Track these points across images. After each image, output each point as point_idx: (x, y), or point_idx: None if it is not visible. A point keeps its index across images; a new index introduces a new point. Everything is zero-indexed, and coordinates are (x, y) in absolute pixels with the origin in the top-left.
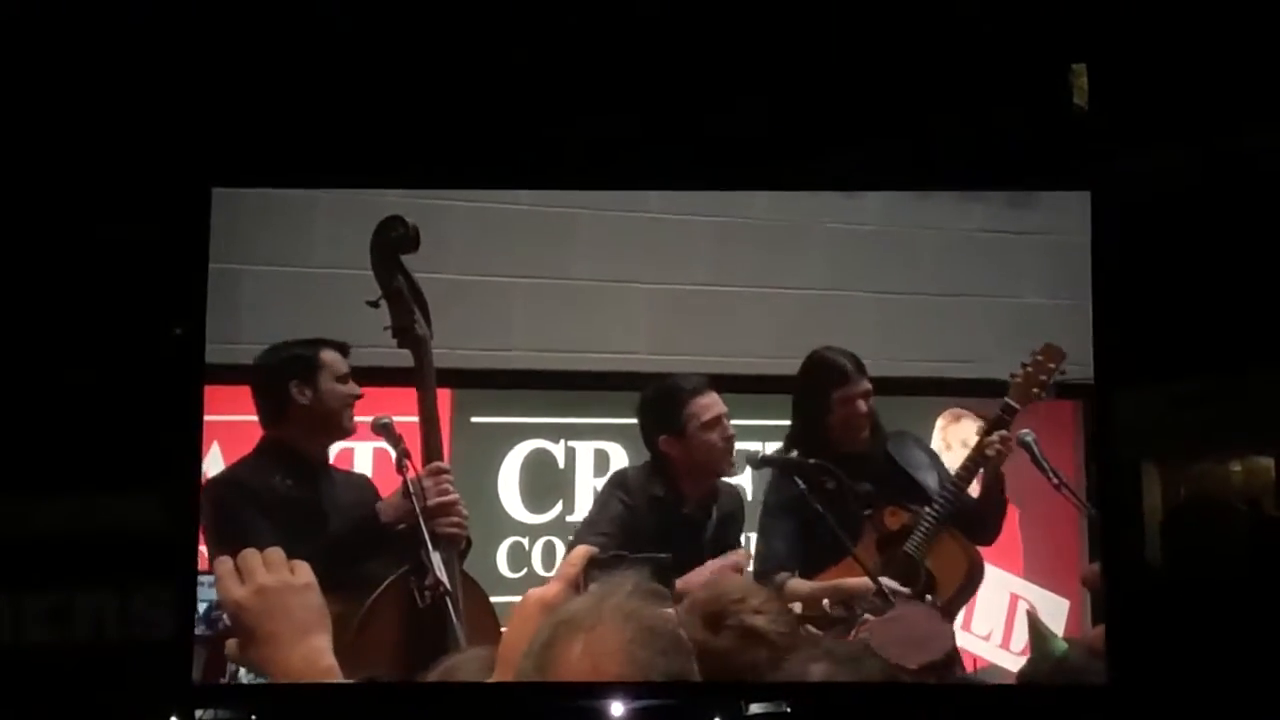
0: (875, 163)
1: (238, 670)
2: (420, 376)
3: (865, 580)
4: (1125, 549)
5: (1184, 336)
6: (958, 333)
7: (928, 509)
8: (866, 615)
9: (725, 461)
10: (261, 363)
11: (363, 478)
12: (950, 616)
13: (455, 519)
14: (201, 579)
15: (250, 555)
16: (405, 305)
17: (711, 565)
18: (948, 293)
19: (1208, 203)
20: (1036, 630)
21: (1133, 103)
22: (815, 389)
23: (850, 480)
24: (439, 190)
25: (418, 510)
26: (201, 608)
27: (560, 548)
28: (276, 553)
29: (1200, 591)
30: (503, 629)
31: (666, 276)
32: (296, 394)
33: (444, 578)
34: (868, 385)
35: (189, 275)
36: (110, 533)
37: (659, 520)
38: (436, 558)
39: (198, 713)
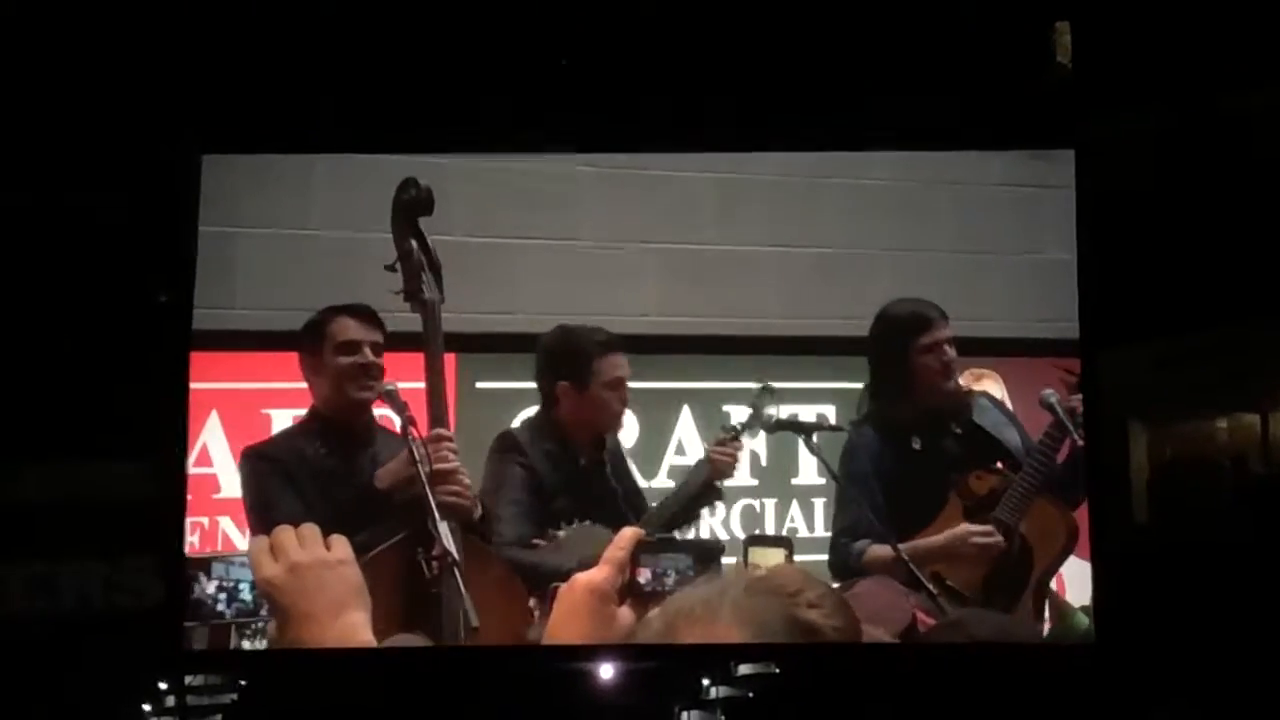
0: (860, 123)
1: (240, 640)
2: (428, 340)
3: (950, 537)
4: (1112, 506)
5: (1169, 296)
6: (977, 290)
7: (1020, 474)
8: None
9: (615, 424)
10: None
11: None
12: (1044, 584)
13: (455, 488)
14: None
15: (283, 532)
16: (415, 268)
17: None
18: (966, 249)
19: (1192, 161)
20: (1058, 608)
21: (1116, 62)
22: (893, 339)
23: (934, 438)
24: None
25: (423, 478)
26: (244, 589)
27: None
28: (311, 529)
29: (1187, 548)
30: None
31: (675, 236)
32: (306, 367)
33: (451, 548)
34: (949, 332)
35: (177, 243)
36: (97, 501)
37: (558, 474)
38: (444, 527)
39: (187, 679)
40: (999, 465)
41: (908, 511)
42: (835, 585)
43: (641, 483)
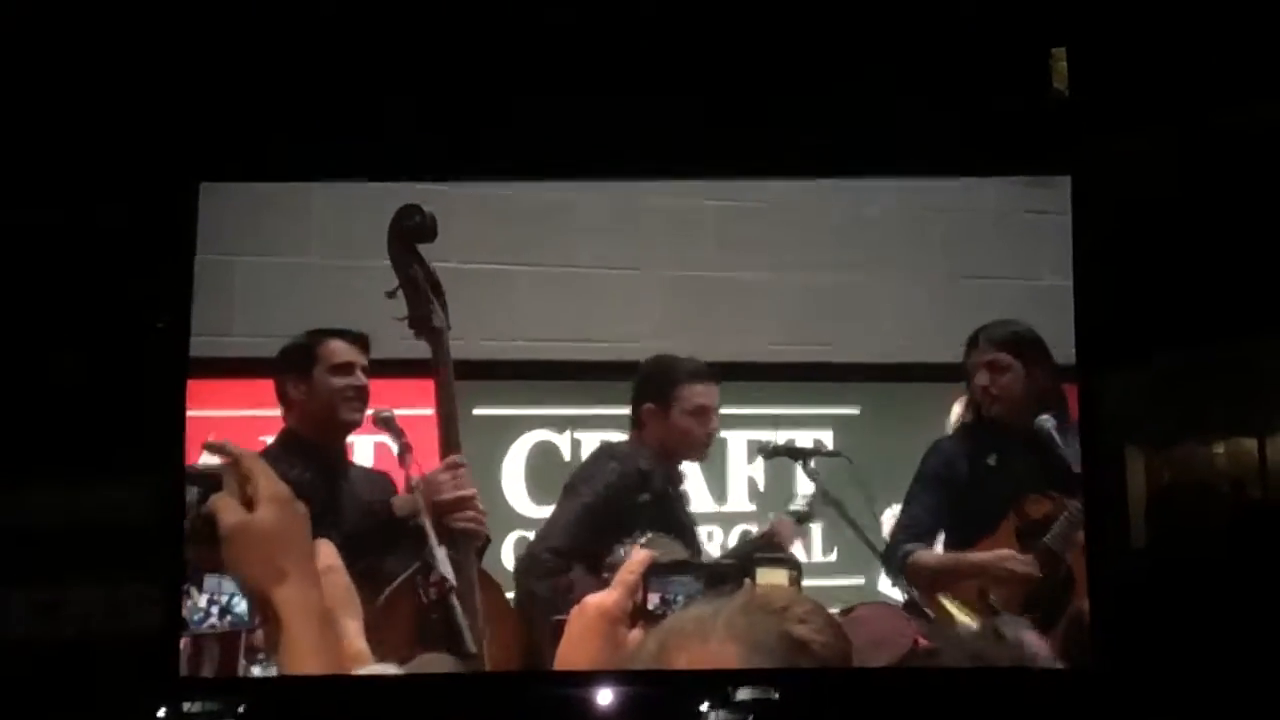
0: (855, 148)
1: (249, 665)
2: (438, 368)
3: (993, 557)
4: (1109, 532)
5: (1166, 319)
6: (973, 316)
7: (1075, 502)
8: None
9: (698, 453)
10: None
11: (382, 475)
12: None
13: (472, 513)
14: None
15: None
16: (422, 295)
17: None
18: (962, 275)
19: (1190, 186)
20: (944, 609)
21: (1113, 86)
22: (964, 358)
23: (1008, 458)
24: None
25: (421, 506)
26: (224, 599)
27: None
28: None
29: (1184, 574)
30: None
31: (674, 262)
32: (291, 389)
33: (449, 574)
34: (994, 356)
35: (175, 270)
36: (96, 526)
37: (646, 494)
38: (441, 554)
39: (185, 705)
40: (1055, 492)
41: (965, 523)
42: (834, 610)
43: None
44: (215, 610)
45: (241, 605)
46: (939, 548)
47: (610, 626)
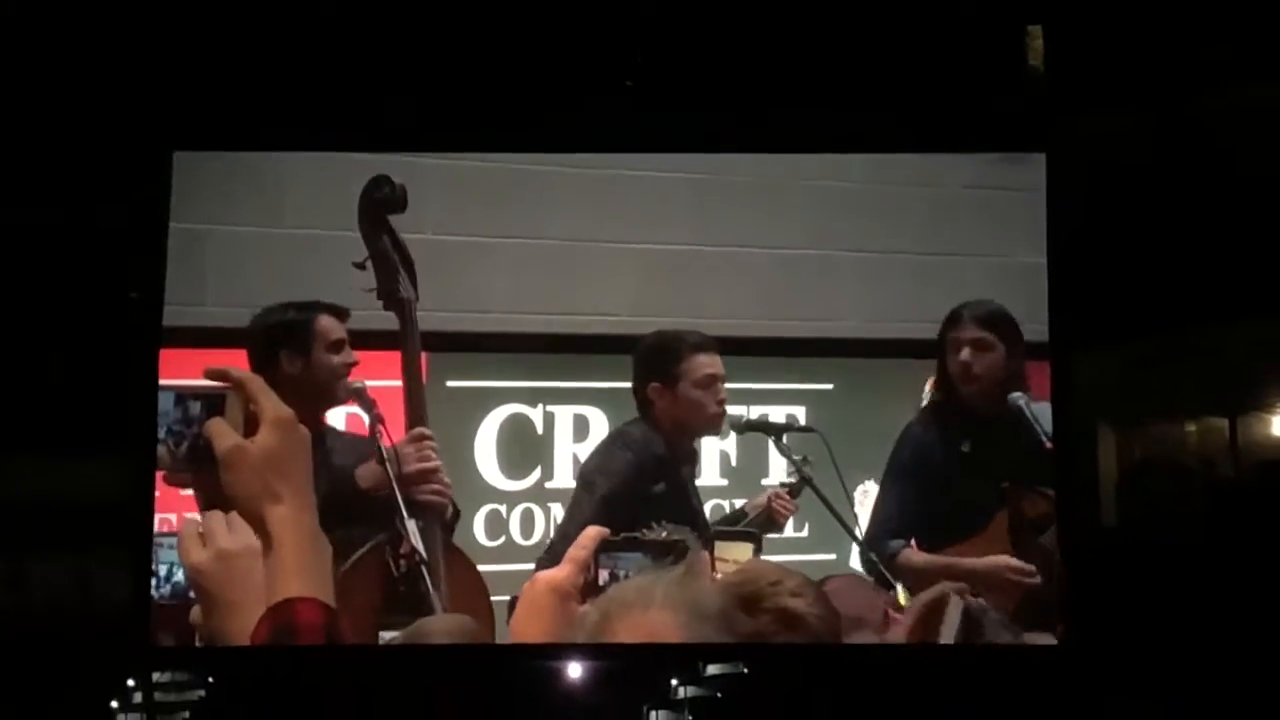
0: (829, 123)
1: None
2: (405, 339)
3: (990, 565)
4: (1081, 510)
5: (1139, 298)
6: (946, 293)
7: None
8: None
9: (713, 424)
10: (255, 325)
11: (363, 441)
12: None
13: (436, 486)
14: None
15: (214, 517)
16: (390, 266)
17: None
18: (935, 251)
19: (1164, 165)
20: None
21: (1090, 66)
22: (939, 334)
23: (982, 444)
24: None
25: (392, 477)
26: (162, 570)
27: (539, 515)
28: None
29: (1155, 551)
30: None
31: (647, 236)
32: (286, 364)
33: (419, 546)
34: (979, 334)
35: (148, 239)
36: (65, 498)
37: (663, 480)
38: (412, 525)
39: (155, 676)
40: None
41: (948, 519)
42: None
43: None
44: (153, 580)
45: (179, 575)
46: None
47: (560, 602)
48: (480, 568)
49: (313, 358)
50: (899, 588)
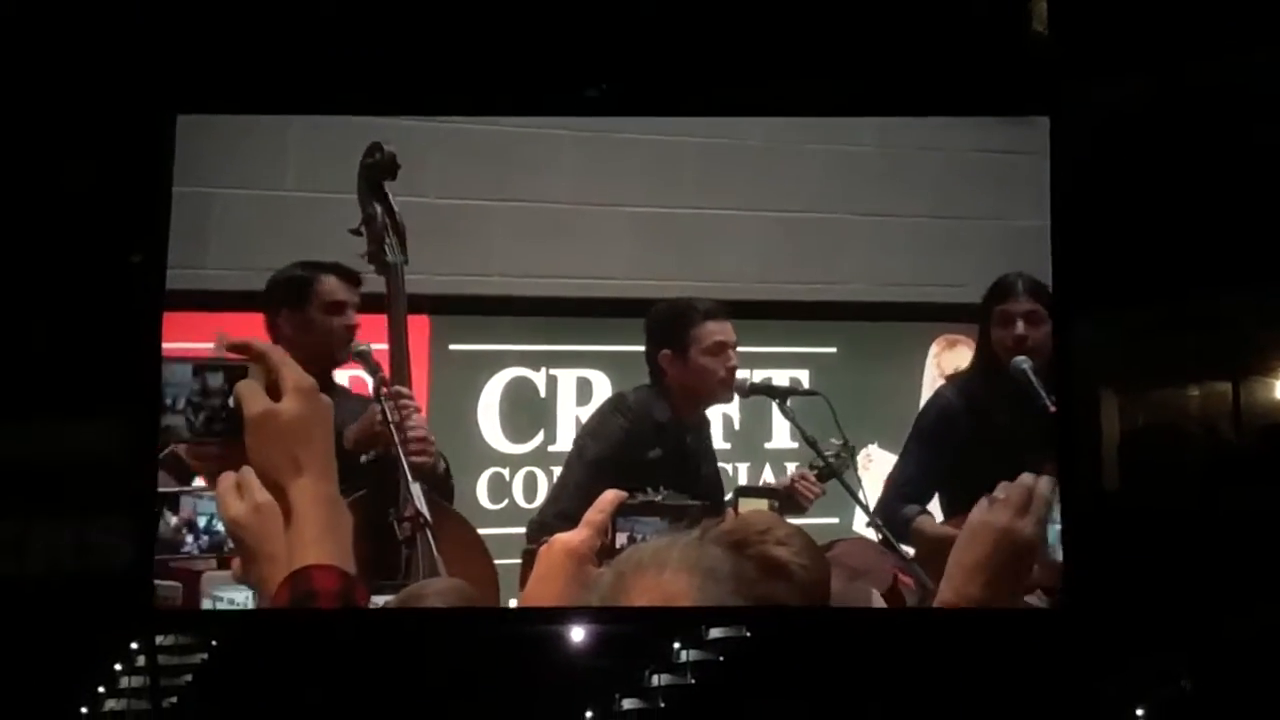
0: (837, 89)
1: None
2: (391, 304)
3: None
4: (1083, 473)
5: (1142, 263)
6: (951, 256)
7: None
8: None
9: (722, 390)
10: (268, 282)
11: (356, 400)
12: None
13: (415, 445)
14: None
15: (251, 471)
16: (377, 231)
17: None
18: (940, 215)
19: (1167, 130)
20: None
21: (1092, 30)
22: (982, 306)
23: (1019, 418)
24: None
25: (396, 440)
26: (202, 521)
27: (542, 478)
28: None
29: (1156, 515)
30: (495, 563)
31: (651, 200)
32: (283, 322)
33: (424, 509)
34: (1032, 306)
35: (151, 202)
36: (68, 460)
37: (659, 447)
38: (416, 489)
39: (158, 639)
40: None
41: (970, 487)
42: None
43: None
44: (191, 535)
45: (219, 526)
46: (936, 509)
47: (576, 566)
48: (482, 531)
49: (308, 316)
50: (910, 552)
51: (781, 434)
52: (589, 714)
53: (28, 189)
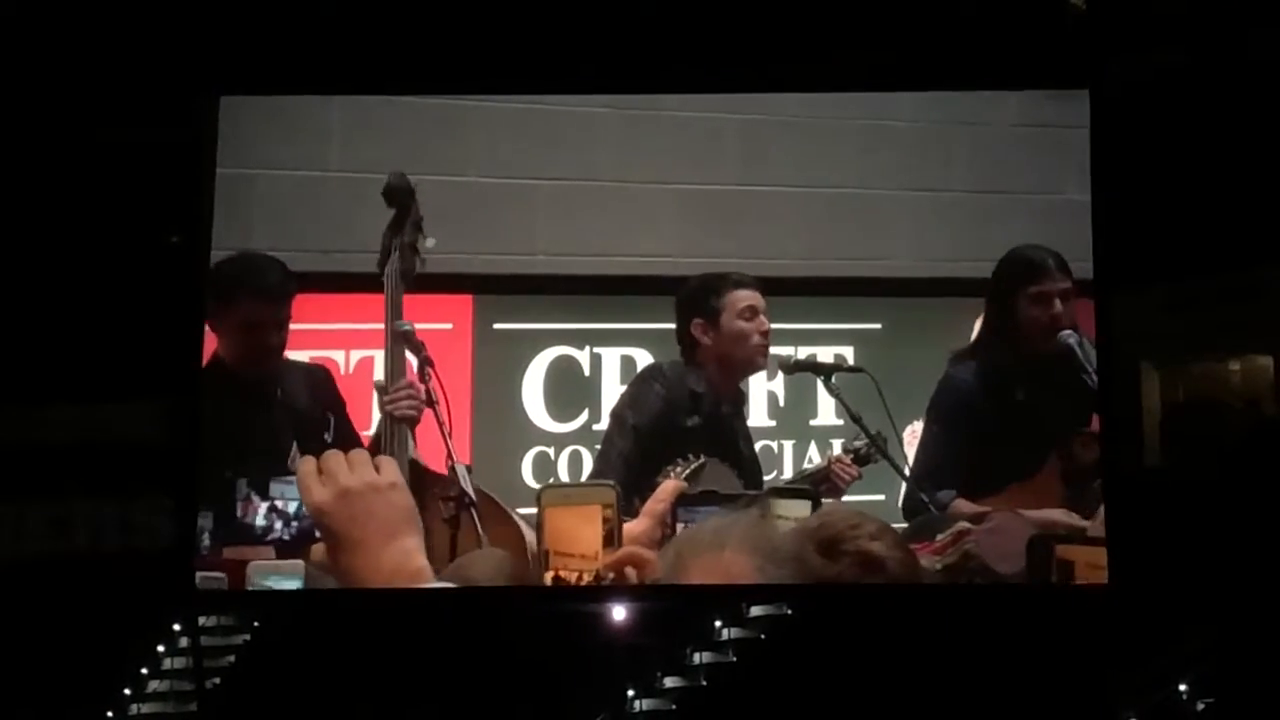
0: (879, 63)
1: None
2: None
3: (1047, 516)
4: (1125, 448)
5: (1184, 238)
6: (993, 230)
7: None
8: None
9: (758, 355)
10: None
11: (317, 370)
12: None
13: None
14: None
15: (333, 456)
16: (384, 249)
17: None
18: (983, 189)
19: (1208, 103)
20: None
21: (1132, 2)
22: (1006, 285)
23: (1040, 392)
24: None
25: (438, 418)
26: (291, 507)
27: (587, 457)
28: (360, 453)
29: (1198, 489)
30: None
31: (695, 176)
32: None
33: (469, 488)
34: (1067, 284)
35: (194, 184)
36: (111, 442)
37: (697, 414)
38: (461, 469)
39: (201, 620)
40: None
41: (999, 464)
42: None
43: None
44: (279, 522)
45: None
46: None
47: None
48: (526, 510)
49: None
50: None
51: (826, 411)
52: (630, 691)
53: (72, 172)
